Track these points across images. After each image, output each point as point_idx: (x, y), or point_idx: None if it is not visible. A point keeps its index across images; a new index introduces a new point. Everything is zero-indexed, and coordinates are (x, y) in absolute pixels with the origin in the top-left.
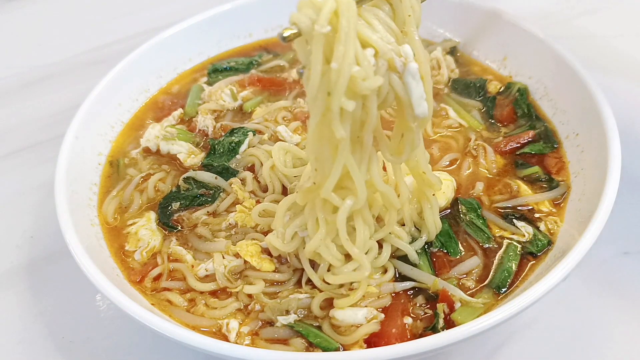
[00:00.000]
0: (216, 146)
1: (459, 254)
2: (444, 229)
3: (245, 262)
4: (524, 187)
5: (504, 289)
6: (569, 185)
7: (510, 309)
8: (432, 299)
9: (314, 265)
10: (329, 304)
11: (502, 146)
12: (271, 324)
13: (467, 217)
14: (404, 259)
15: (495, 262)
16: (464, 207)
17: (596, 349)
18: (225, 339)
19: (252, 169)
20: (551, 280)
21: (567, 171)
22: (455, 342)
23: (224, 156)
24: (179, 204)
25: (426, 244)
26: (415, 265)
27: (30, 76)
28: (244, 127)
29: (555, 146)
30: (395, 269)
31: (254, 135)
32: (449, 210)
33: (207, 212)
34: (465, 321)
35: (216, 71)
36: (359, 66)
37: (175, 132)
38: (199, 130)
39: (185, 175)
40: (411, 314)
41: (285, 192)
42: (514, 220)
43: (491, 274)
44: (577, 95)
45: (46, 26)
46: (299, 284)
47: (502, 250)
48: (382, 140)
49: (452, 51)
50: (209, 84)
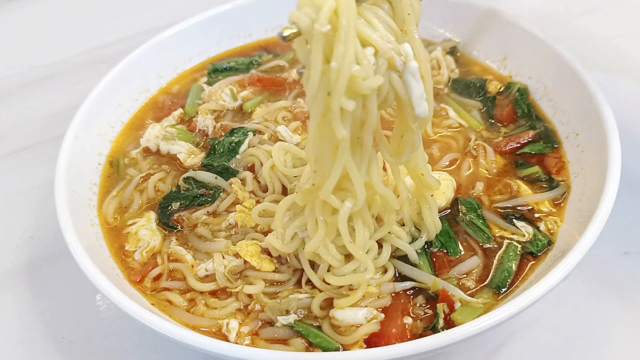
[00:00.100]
0: (216, 146)
1: (459, 254)
2: (444, 229)
3: (245, 262)
4: (524, 187)
5: (504, 289)
6: (569, 185)
7: (510, 309)
8: (432, 299)
9: (313, 265)
10: (329, 304)
11: (502, 146)
12: (271, 324)
13: (467, 217)
14: (404, 259)
15: (495, 262)
16: (464, 207)
17: (596, 349)
18: (225, 339)
19: (252, 169)
20: (551, 280)
21: (567, 171)
22: (455, 342)
23: (224, 156)
24: (179, 204)
25: (426, 244)
26: (415, 265)
27: (30, 76)
28: (244, 127)
29: (555, 146)
30: (395, 269)
31: (254, 135)
32: (449, 210)
33: (207, 212)
34: (465, 321)
35: (216, 71)
36: (359, 65)
37: (175, 132)
38: (199, 130)
39: (185, 175)
40: (411, 314)
41: (285, 192)
42: (514, 220)
43: (491, 274)
44: (577, 95)
45: (46, 26)
46: (299, 284)
47: (502, 250)
48: (381, 141)
49: (452, 51)
50: (209, 84)
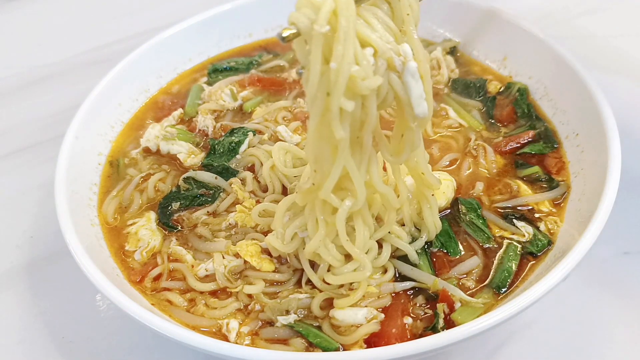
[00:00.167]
0: (216, 146)
1: (459, 254)
2: (444, 229)
3: (245, 262)
4: (524, 187)
5: (504, 289)
6: (569, 185)
7: (510, 309)
8: (432, 299)
9: (313, 265)
10: (329, 304)
11: (502, 146)
12: (271, 324)
13: (467, 217)
14: (404, 259)
15: (495, 262)
16: (464, 207)
17: (596, 349)
18: (225, 339)
19: (252, 169)
20: (551, 280)
21: (567, 171)
22: (455, 342)
23: (224, 156)
24: (179, 204)
25: (426, 244)
26: (415, 265)
27: (30, 76)
28: (244, 127)
29: (555, 146)
30: (395, 269)
31: (254, 135)
32: (449, 210)
33: (207, 212)
34: (465, 321)
35: (216, 71)
36: (358, 66)
37: (175, 132)
38: (199, 130)
39: (185, 175)
40: (411, 314)
41: (285, 192)
42: (514, 220)
43: (491, 274)
44: (577, 95)
45: (46, 26)
46: (299, 284)
47: (502, 250)
48: (381, 140)
49: (452, 51)
50: (209, 84)
